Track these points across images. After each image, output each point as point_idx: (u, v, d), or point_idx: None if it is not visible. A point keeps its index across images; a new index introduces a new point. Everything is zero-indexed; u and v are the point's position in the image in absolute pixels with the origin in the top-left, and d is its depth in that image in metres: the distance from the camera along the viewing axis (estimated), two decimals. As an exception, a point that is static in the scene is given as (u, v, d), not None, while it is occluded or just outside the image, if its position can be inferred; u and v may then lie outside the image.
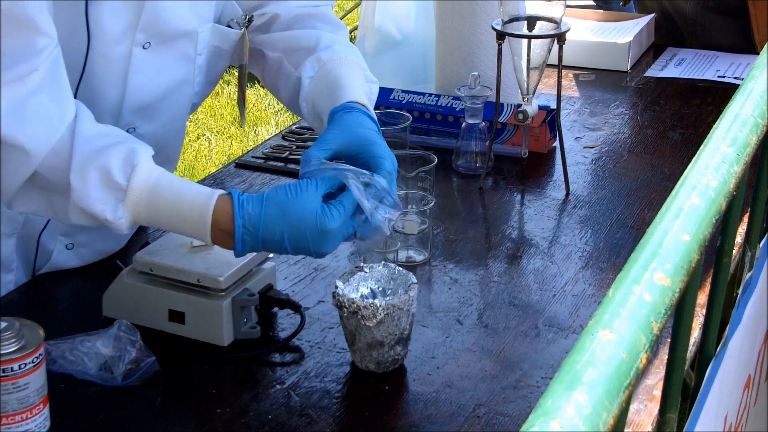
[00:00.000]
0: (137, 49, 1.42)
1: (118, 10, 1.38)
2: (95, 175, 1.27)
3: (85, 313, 1.46)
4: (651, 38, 2.66)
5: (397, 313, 1.32)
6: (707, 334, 1.13)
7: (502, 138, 2.00)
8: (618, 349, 0.67)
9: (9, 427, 1.18)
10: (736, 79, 2.40)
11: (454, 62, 2.11)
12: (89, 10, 1.36)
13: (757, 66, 1.19)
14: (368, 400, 1.30)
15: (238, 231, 1.27)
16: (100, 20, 1.37)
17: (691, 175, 0.92)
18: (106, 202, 1.27)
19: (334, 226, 1.27)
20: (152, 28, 1.42)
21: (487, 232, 1.75)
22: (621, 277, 0.75)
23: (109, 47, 1.39)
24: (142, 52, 1.42)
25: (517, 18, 1.82)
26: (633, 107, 2.30)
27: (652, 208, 1.80)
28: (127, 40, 1.41)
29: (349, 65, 1.49)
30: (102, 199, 1.27)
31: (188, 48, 1.48)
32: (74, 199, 1.28)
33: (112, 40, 1.39)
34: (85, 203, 1.27)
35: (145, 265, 1.41)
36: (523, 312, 1.49)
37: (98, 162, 1.27)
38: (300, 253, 1.30)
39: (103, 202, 1.27)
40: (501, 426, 1.25)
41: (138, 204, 1.28)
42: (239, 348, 1.39)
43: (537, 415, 0.60)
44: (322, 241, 1.27)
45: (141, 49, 1.42)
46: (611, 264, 1.62)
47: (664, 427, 0.97)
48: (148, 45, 1.43)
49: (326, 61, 1.49)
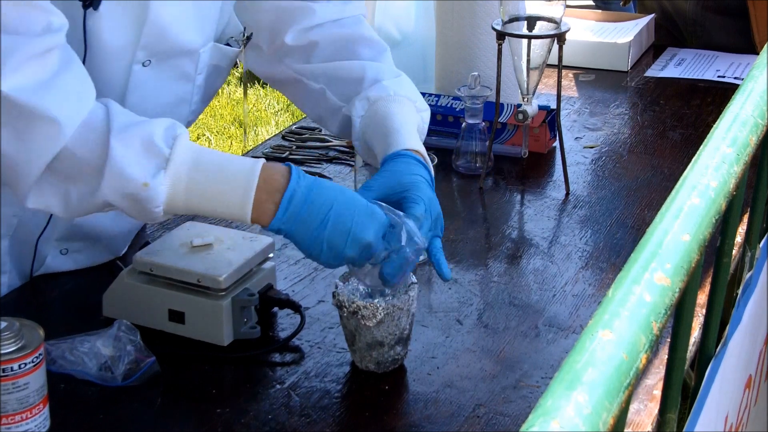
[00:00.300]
0: (137, 67, 1.39)
1: (118, 24, 1.34)
2: (137, 141, 1.23)
3: (85, 313, 1.46)
4: (651, 38, 2.66)
5: (397, 313, 1.32)
6: (707, 334, 1.13)
7: (502, 138, 2.00)
8: (618, 349, 0.67)
9: (9, 427, 1.18)
10: (736, 79, 2.40)
11: (454, 62, 2.11)
12: (87, 21, 1.32)
13: (757, 66, 1.19)
14: (368, 400, 1.30)
15: (292, 180, 1.25)
16: (98, 33, 1.33)
17: (691, 175, 0.92)
18: (147, 167, 1.24)
19: (382, 215, 1.27)
20: (154, 46, 1.38)
21: (487, 232, 1.75)
22: (621, 277, 0.75)
23: (107, 62, 1.35)
24: (141, 69, 1.39)
25: (517, 18, 1.82)
26: (633, 107, 2.30)
27: (652, 208, 1.80)
28: (127, 57, 1.37)
29: (398, 102, 1.47)
30: (143, 163, 1.23)
31: (189, 67, 1.45)
32: (112, 168, 1.23)
33: (111, 55, 1.36)
34: (125, 170, 1.23)
35: (145, 265, 1.41)
36: (523, 312, 1.49)
37: (140, 129, 1.25)
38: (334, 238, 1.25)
39: (143, 166, 1.23)
40: (501, 426, 1.25)
41: (179, 172, 1.24)
42: (239, 348, 1.39)
43: (537, 415, 0.60)
44: (367, 223, 1.25)
45: (141, 66, 1.39)
46: (611, 264, 1.62)
47: (664, 427, 0.97)
48: (149, 63, 1.39)
49: (375, 99, 1.46)
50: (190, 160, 1.25)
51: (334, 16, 1.54)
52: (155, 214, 1.26)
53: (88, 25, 1.33)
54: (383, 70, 1.51)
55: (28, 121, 1.21)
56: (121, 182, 1.24)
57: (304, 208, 1.25)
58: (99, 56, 1.35)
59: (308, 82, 1.54)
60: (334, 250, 1.26)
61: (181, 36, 1.41)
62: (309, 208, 1.25)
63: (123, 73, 1.39)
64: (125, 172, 1.23)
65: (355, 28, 1.55)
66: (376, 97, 1.47)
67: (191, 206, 1.27)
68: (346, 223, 1.26)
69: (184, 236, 1.45)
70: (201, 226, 1.50)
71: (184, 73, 1.46)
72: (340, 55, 1.53)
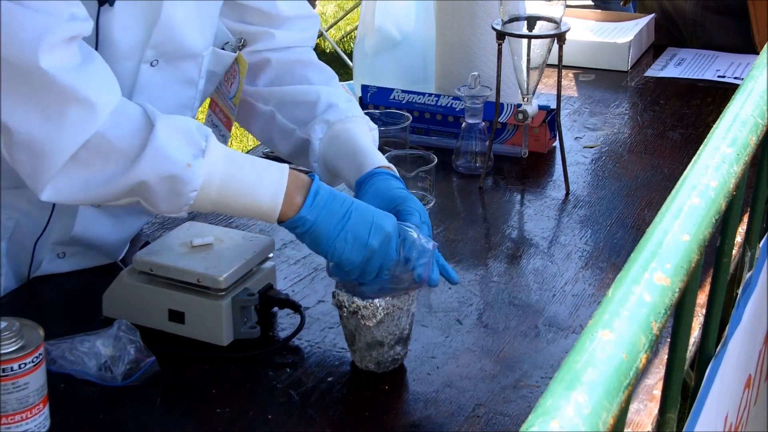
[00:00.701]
0: (145, 66, 1.41)
1: (130, 22, 1.36)
2: (179, 128, 1.28)
3: (85, 313, 1.46)
4: (651, 38, 2.66)
5: (397, 312, 1.32)
6: (707, 334, 1.13)
7: (502, 138, 2.00)
8: (618, 349, 0.67)
9: (9, 426, 1.18)
10: (736, 79, 2.40)
11: (454, 62, 2.11)
12: (100, 17, 1.34)
13: (757, 66, 1.19)
14: (368, 400, 1.30)
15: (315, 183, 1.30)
16: (110, 30, 1.35)
17: (691, 175, 0.92)
18: (187, 151, 1.27)
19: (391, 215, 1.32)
20: (162, 46, 1.41)
21: (487, 232, 1.75)
22: (621, 277, 0.75)
23: (117, 60, 1.36)
24: (149, 69, 1.41)
25: (517, 18, 1.82)
26: (633, 107, 2.30)
27: (652, 208, 1.80)
28: (136, 55, 1.39)
29: (356, 123, 1.51)
30: (183, 148, 1.27)
31: (193, 71, 1.48)
32: (156, 147, 1.25)
33: (121, 54, 1.38)
34: (170, 150, 1.26)
35: (145, 265, 1.41)
36: (523, 312, 1.49)
37: (179, 119, 1.30)
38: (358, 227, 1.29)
39: (183, 151, 1.27)
40: (501, 426, 1.25)
41: (216, 162, 1.28)
42: (239, 348, 1.39)
43: (537, 415, 0.60)
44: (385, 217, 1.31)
45: (149, 66, 1.41)
46: (611, 264, 1.62)
47: (664, 427, 0.97)
48: (156, 63, 1.42)
49: (334, 122, 1.51)
50: (223, 154, 1.30)
51: (289, 43, 1.60)
52: (188, 199, 1.28)
53: (101, 21, 1.34)
54: (337, 95, 1.56)
55: (63, 103, 1.22)
56: (163, 163, 1.26)
57: (329, 200, 1.31)
58: (109, 54, 1.36)
59: (257, 104, 1.59)
60: (359, 240, 1.29)
61: (188, 37, 1.43)
62: (333, 200, 1.31)
63: (131, 72, 1.40)
64: (169, 153, 1.26)
65: (306, 55, 1.62)
66: (335, 120, 1.51)
67: (223, 197, 1.30)
68: (367, 215, 1.30)
69: (184, 236, 1.45)
70: (201, 226, 1.50)
71: (188, 77, 1.48)
72: (291, 79, 1.59)
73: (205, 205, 1.31)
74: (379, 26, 2.30)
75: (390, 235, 1.30)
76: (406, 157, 1.73)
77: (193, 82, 1.49)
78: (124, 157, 1.26)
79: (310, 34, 1.63)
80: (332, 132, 1.50)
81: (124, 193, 1.28)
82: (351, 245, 1.29)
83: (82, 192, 1.27)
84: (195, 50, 1.46)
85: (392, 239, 1.30)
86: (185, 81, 1.48)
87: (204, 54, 1.48)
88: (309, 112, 1.53)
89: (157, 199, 1.28)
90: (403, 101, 2.07)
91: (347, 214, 1.30)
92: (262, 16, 1.57)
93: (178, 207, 1.30)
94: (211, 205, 1.31)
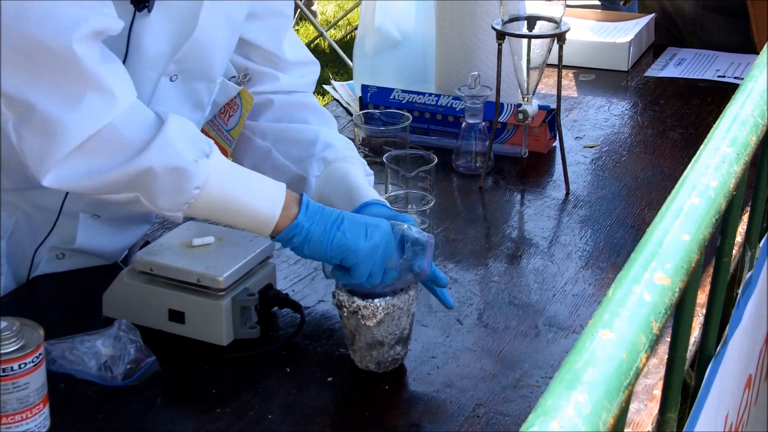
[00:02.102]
0: (165, 79, 1.43)
1: (161, 35, 1.39)
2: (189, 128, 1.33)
3: (85, 313, 1.47)
4: (651, 38, 2.66)
5: (397, 312, 1.32)
6: (707, 333, 1.13)
7: (502, 138, 2.00)
8: (618, 349, 0.67)
9: (9, 426, 1.18)
10: (736, 79, 2.40)
11: (454, 62, 2.11)
12: (134, 23, 1.36)
13: (757, 66, 1.19)
14: (368, 400, 1.30)
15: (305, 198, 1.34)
16: (141, 39, 1.37)
17: (691, 175, 0.92)
18: (196, 150, 1.31)
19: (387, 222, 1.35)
20: (185, 62, 1.43)
21: (487, 232, 1.75)
22: (621, 276, 0.75)
23: (141, 70, 1.39)
24: (168, 83, 1.44)
25: (517, 18, 1.82)
26: (633, 107, 2.30)
27: (652, 208, 1.80)
28: (160, 67, 1.42)
29: (353, 163, 1.54)
30: (191, 147, 1.31)
31: (204, 95, 1.51)
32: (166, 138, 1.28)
33: (146, 64, 1.40)
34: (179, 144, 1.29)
35: (145, 265, 1.41)
36: (523, 312, 1.49)
37: (187, 122, 1.33)
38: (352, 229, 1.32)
39: (192, 149, 1.30)
40: (501, 426, 1.25)
41: (220, 166, 1.31)
42: (239, 348, 1.39)
43: (537, 415, 0.60)
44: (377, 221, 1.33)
45: (168, 80, 1.44)
46: (611, 264, 1.62)
47: (664, 426, 0.97)
48: (176, 78, 1.44)
49: (332, 160, 1.53)
50: (226, 161, 1.35)
51: (292, 87, 1.64)
52: (188, 196, 1.30)
53: (135, 27, 1.36)
54: (334, 136, 1.59)
55: (86, 88, 1.25)
56: (171, 154, 1.28)
57: (320, 210, 1.34)
58: (137, 61, 1.39)
59: (255, 138, 1.61)
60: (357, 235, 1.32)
61: (210, 60, 1.48)
62: (324, 209, 1.34)
63: (152, 83, 1.43)
64: (177, 146, 1.29)
65: (307, 99, 1.66)
66: (333, 158, 1.53)
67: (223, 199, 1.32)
68: (359, 219, 1.34)
69: (184, 236, 1.45)
70: (201, 226, 1.50)
71: (199, 100, 1.51)
72: (291, 120, 1.62)
73: (203, 208, 1.32)
74: (379, 26, 2.30)
75: (386, 231, 1.32)
76: (406, 157, 1.73)
77: (203, 106, 1.52)
78: (132, 150, 1.28)
79: (311, 79, 1.67)
80: (329, 170, 1.52)
81: (125, 185, 1.29)
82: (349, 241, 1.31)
83: (84, 180, 1.28)
84: (211, 75, 1.50)
85: (389, 236, 1.32)
86: (196, 103, 1.51)
87: (217, 81, 1.51)
88: (306, 150, 1.56)
89: (159, 192, 1.29)
90: (403, 101, 2.07)
91: (339, 218, 1.33)
92: (266, 57, 1.61)
93: (177, 204, 1.30)
94: (209, 208, 1.32)
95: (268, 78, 1.62)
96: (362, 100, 2.11)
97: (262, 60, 1.61)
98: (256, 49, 1.60)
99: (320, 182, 1.52)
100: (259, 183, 1.35)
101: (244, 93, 1.57)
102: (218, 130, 1.58)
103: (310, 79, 1.67)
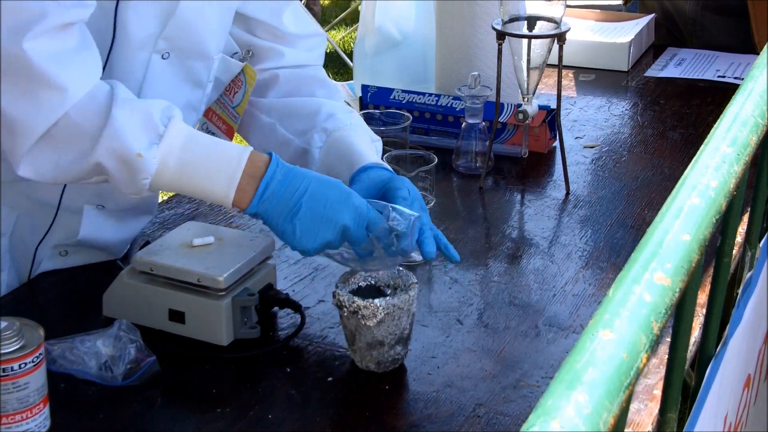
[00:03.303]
0: (156, 57, 1.43)
1: (147, 14, 1.40)
2: (138, 113, 1.30)
3: (85, 313, 1.47)
4: (651, 38, 2.66)
5: (398, 312, 1.32)
6: (707, 334, 1.13)
7: (502, 138, 2.00)
8: (618, 349, 0.67)
9: (9, 426, 1.18)
10: (736, 79, 2.40)
11: (454, 62, 2.11)
12: (119, 10, 1.37)
13: (757, 66, 1.19)
14: (368, 400, 1.30)
15: (270, 168, 1.31)
16: (127, 21, 1.38)
17: (691, 175, 0.92)
18: (142, 139, 1.30)
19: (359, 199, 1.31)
20: (175, 40, 1.43)
21: (487, 232, 1.75)
22: (621, 276, 0.75)
23: (131, 51, 1.41)
24: (160, 61, 1.44)
25: (517, 18, 1.82)
26: (633, 107, 2.30)
27: (652, 208, 1.80)
28: (149, 47, 1.42)
29: (355, 130, 1.53)
30: (138, 135, 1.30)
31: (202, 73, 1.50)
32: (109, 133, 1.29)
33: (135, 45, 1.41)
34: (121, 137, 1.29)
35: (145, 265, 1.41)
36: (523, 312, 1.49)
37: (141, 104, 1.33)
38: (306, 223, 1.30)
39: (138, 138, 1.30)
40: (501, 426, 1.25)
41: (172, 148, 1.30)
42: (239, 348, 1.39)
43: (537, 415, 0.60)
44: (341, 208, 1.30)
45: (160, 58, 1.44)
46: (611, 264, 1.62)
47: (664, 426, 0.97)
48: (167, 55, 1.45)
49: (332, 130, 1.52)
50: (183, 139, 1.32)
51: (299, 61, 1.62)
52: (143, 185, 1.31)
53: (120, 9, 1.38)
54: (337, 107, 1.58)
55: (37, 85, 1.27)
56: (118, 147, 1.29)
57: (278, 194, 1.31)
58: (126, 43, 1.40)
59: (260, 115, 1.60)
60: (307, 235, 1.31)
61: (200, 37, 1.47)
62: (283, 193, 1.31)
63: (143, 63, 1.43)
64: (123, 138, 1.29)
65: (315, 71, 1.65)
66: (334, 128, 1.52)
67: (178, 183, 1.33)
68: (318, 208, 1.31)
69: (184, 236, 1.45)
70: (201, 226, 1.50)
71: (198, 78, 1.50)
72: (298, 92, 1.61)
73: (165, 189, 1.35)
74: (379, 26, 2.30)
75: (345, 226, 1.30)
76: (406, 157, 1.73)
77: (202, 84, 1.51)
78: (89, 138, 1.30)
79: (318, 52, 1.65)
80: (330, 140, 1.51)
81: (91, 173, 1.32)
82: (300, 238, 1.31)
83: (54, 170, 1.32)
84: (206, 51, 1.49)
85: (350, 229, 1.30)
86: (194, 82, 1.50)
87: (214, 58, 1.50)
88: (309, 122, 1.55)
89: (117, 180, 1.32)
90: (403, 101, 2.07)
91: (296, 207, 1.31)
92: (269, 31, 1.60)
93: (136, 190, 1.33)
94: (170, 188, 1.34)
95: (273, 54, 1.61)
96: (362, 100, 2.11)
97: (265, 35, 1.60)
98: (257, 23, 1.59)
99: (323, 153, 1.51)
100: (216, 163, 1.32)
101: (248, 69, 1.56)
102: (224, 107, 1.58)
103: (318, 52, 1.65)
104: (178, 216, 1.75)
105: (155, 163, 1.30)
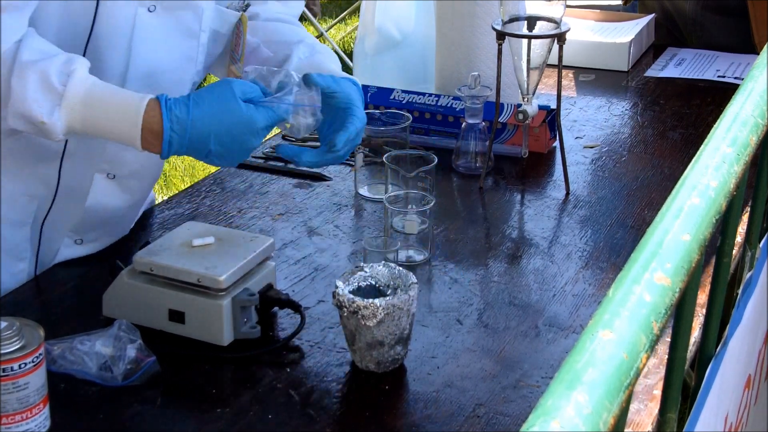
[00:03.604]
0: (142, 10, 1.45)
1: None
2: (34, 78, 1.33)
3: (85, 313, 1.47)
4: (651, 38, 2.66)
5: (397, 312, 1.32)
6: (707, 334, 1.13)
7: (502, 138, 2.00)
8: (618, 349, 0.67)
9: (9, 426, 1.18)
10: (736, 79, 2.40)
11: (454, 62, 2.11)
12: None
13: (757, 66, 1.19)
14: (368, 400, 1.30)
15: (166, 132, 1.34)
16: None
17: (691, 175, 0.92)
18: (43, 104, 1.33)
19: (260, 119, 1.37)
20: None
21: (487, 232, 1.75)
22: (621, 277, 0.75)
23: (116, 7, 1.42)
24: (147, 14, 1.45)
25: (517, 18, 1.82)
26: (633, 107, 2.30)
27: (652, 208, 1.80)
28: (134, 2, 1.44)
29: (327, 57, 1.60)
30: (39, 101, 1.33)
31: (192, 23, 1.51)
32: (14, 102, 1.33)
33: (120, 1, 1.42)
34: (24, 106, 1.33)
35: (145, 265, 1.41)
36: (523, 312, 1.49)
37: (38, 67, 1.33)
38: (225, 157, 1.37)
39: (40, 104, 1.33)
40: (501, 426, 1.25)
41: (73, 108, 1.34)
42: (239, 348, 1.39)
43: (537, 415, 0.60)
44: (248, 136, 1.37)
45: (146, 11, 1.45)
46: (611, 264, 1.62)
47: (664, 427, 0.97)
48: (153, 8, 1.46)
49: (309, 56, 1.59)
50: (83, 95, 1.34)
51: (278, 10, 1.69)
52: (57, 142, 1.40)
53: None
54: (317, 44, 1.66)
55: None
56: (23, 117, 1.34)
57: (184, 147, 1.36)
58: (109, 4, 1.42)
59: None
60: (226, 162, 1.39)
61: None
62: (188, 147, 1.36)
63: (130, 18, 1.45)
64: (24, 108, 1.33)
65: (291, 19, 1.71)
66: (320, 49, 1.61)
67: (92, 134, 1.38)
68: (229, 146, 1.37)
69: (184, 236, 1.45)
70: (201, 226, 1.50)
71: (188, 28, 1.51)
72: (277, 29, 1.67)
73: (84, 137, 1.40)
74: (379, 26, 2.30)
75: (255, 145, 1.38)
76: (406, 157, 1.73)
77: (194, 34, 1.52)
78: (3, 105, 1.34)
79: (296, 11, 1.73)
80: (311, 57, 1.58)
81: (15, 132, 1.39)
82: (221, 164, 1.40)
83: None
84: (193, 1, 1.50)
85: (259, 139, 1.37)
86: (185, 32, 1.51)
87: (202, 5, 1.51)
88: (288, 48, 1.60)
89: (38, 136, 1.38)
90: (403, 101, 2.07)
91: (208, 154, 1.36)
92: None
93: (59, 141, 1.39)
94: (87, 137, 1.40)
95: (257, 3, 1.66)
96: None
97: None
98: None
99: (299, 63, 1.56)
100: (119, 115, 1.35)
101: (245, 18, 1.57)
102: (234, 61, 1.59)
103: (295, 11, 1.72)
104: (178, 216, 1.75)
105: (61, 125, 1.34)
